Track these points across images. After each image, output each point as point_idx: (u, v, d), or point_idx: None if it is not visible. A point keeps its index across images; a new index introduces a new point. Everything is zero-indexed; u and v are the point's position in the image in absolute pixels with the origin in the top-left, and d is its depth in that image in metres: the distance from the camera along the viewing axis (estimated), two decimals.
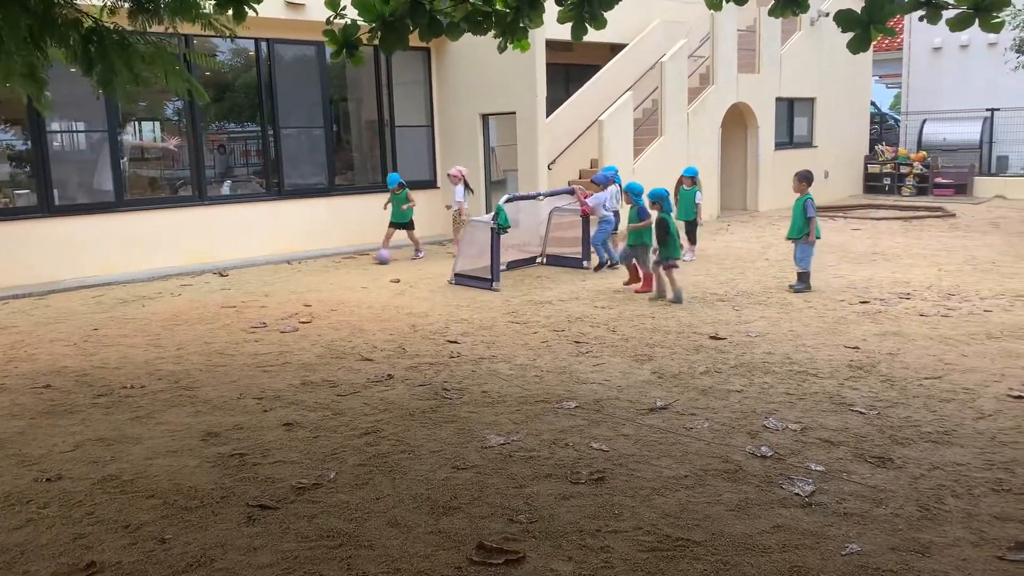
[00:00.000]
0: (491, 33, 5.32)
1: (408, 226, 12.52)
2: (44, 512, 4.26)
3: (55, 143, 11.96)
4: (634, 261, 9.68)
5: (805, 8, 4.85)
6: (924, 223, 15.27)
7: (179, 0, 5.10)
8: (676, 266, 8.99)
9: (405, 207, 12.47)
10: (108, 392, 6.31)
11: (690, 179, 11.39)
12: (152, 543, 3.88)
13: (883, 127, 23.62)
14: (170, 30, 5.27)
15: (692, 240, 11.40)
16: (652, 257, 9.27)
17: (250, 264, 12.54)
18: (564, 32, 5.45)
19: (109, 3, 5.07)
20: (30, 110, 11.27)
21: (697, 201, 11.29)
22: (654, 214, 9.19)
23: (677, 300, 8.88)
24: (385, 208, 12.68)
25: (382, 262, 12.12)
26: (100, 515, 4.19)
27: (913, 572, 3.47)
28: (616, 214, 11.01)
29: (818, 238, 9.29)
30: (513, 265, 11.04)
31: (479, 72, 14.26)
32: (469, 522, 4.01)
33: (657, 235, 9.05)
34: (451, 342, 7.50)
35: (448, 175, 12.86)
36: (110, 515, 4.19)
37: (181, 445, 5.15)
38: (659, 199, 9.08)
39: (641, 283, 9.59)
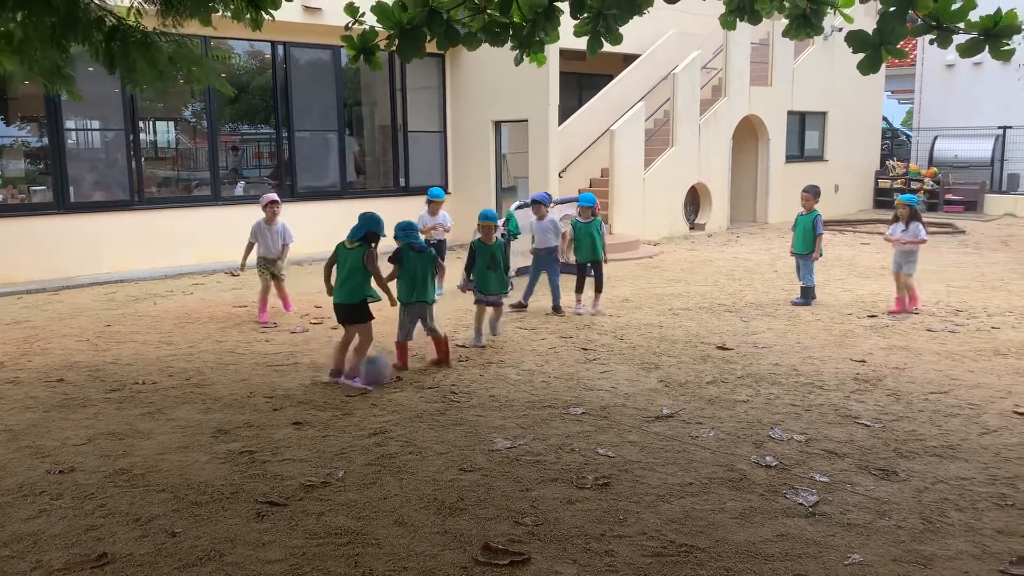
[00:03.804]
0: (508, 45, 5.38)
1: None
2: (57, 503, 4.32)
3: (71, 141, 12.08)
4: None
5: (819, 31, 4.90)
6: (934, 239, 15.21)
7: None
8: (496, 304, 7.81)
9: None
10: (120, 387, 6.38)
11: (589, 209, 9.05)
12: (163, 536, 3.94)
13: (895, 142, 23.64)
14: (210, 32, 5.35)
15: (598, 286, 9.05)
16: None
17: None
18: (577, 41, 5.51)
19: (135, 4, 5.16)
20: (47, 107, 11.41)
21: (600, 232, 9.09)
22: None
23: (476, 344, 7.59)
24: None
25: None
26: (112, 507, 4.25)
27: None
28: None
29: (820, 255, 9.38)
30: (522, 272, 11.08)
31: (492, 79, 14.35)
32: (475, 523, 4.05)
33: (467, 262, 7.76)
34: (459, 346, 7.55)
35: (269, 204, 8.92)
36: (122, 508, 4.25)
37: (192, 441, 5.21)
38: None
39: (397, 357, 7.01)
